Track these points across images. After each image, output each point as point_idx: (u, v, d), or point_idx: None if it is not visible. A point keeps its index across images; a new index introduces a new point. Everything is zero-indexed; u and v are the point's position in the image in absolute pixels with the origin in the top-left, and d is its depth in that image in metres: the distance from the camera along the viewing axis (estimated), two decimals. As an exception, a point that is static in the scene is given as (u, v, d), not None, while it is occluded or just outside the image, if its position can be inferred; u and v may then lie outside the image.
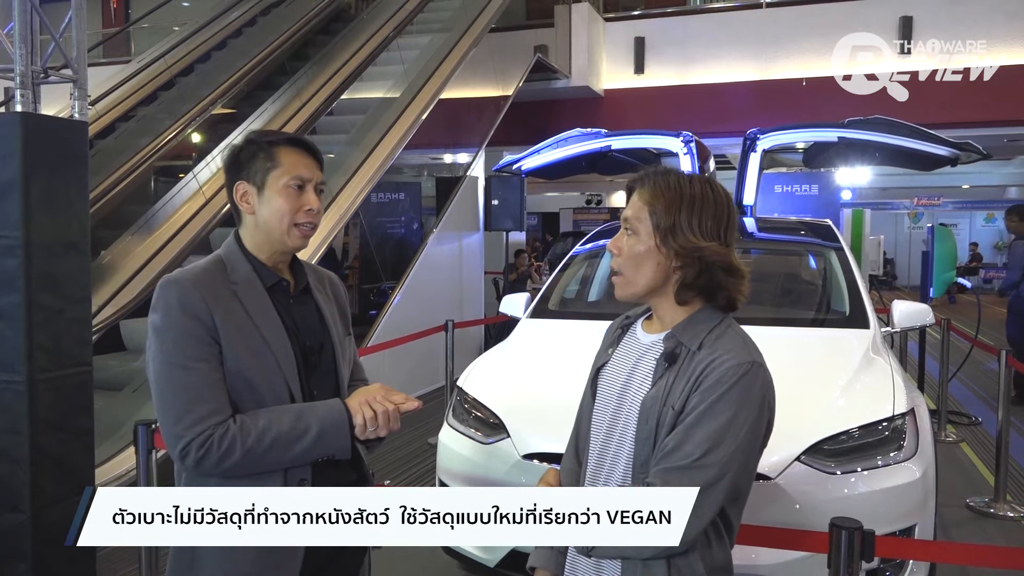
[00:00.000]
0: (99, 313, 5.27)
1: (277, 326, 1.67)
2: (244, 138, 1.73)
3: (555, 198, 21.36)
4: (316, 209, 1.70)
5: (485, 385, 3.34)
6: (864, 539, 1.87)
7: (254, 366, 1.61)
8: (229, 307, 1.62)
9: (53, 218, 2.99)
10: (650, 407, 1.50)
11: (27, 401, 2.88)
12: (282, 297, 1.72)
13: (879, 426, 2.79)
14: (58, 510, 2.94)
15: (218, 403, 1.56)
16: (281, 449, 1.58)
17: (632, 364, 1.60)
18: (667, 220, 1.51)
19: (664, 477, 1.44)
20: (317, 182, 1.72)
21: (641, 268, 1.54)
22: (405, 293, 7.45)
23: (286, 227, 1.67)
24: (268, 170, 1.67)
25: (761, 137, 5.48)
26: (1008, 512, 4.54)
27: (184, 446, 1.54)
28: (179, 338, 1.57)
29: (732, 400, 1.43)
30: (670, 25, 12.32)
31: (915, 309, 3.90)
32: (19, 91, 3.09)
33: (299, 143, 1.72)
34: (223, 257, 1.71)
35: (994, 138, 12.03)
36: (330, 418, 1.61)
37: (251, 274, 1.69)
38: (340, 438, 1.62)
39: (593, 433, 1.65)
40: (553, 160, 6.21)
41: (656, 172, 1.58)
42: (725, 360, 1.45)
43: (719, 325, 1.53)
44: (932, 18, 10.86)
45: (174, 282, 1.62)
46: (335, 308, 1.83)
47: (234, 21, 9.08)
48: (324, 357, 1.75)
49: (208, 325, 1.58)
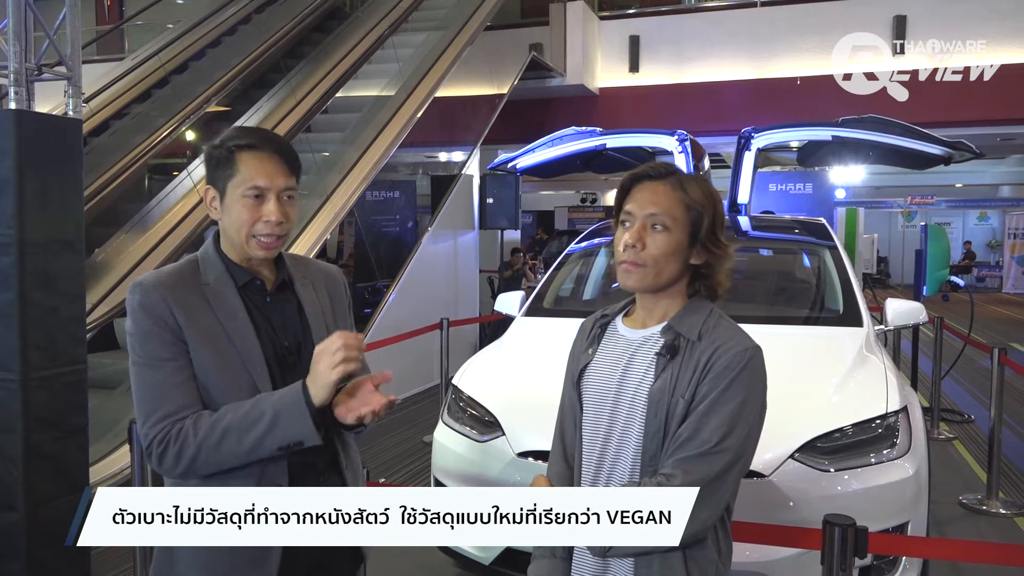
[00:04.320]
0: (93, 311, 5.26)
1: (246, 328, 1.61)
2: (217, 139, 1.65)
3: (550, 196, 21.36)
4: (276, 220, 1.58)
5: (480, 383, 3.34)
6: (857, 536, 1.88)
7: (220, 368, 1.57)
8: (196, 309, 1.59)
9: (47, 216, 2.98)
10: (658, 400, 1.52)
11: (21, 399, 2.87)
12: (256, 296, 1.67)
13: (872, 424, 2.80)
14: (52, 509, 2.93)
15: (184, 401, 1.54)
16: (235, 438, 1.50)
17: (624, 361, 1.60)
18: (704, 219, 1.54)
19: (683, 466, 1.46)
20: (281, 189, 1.60)
21: (669, 263, 1.55)
22: (400, 291, 7.45)
23: (244, 238, 1.60)
24: (228, 177, 1.59)
25: (755, 136, 5.49)
26: (1000, 509, 4.56)
27: (147, 444, 1.53)
28: (144, 340, 1.56)
29: (742, 385, 1.48)
30: (665, 24, 12.34)
31: (908, 307, 3.92)
32: (13, 88, 3.08)
33: (265, 147, 1.61)
34: (199, 258, 1.68)
35: (987, 137, 12.07)
36: (285, 399, 1.51)
37: (223, 274, 1.64)
38: (299, 420, 1.50)
39: (587, 435, 1.64)
40: (548, 159, 6.21)
41: (671, 169, 1.60)
42: (730, 347, 1.51)
43: (711, 315, 1.58)
44: (925, 17, 10.89)
45: (138, 284, 1.61)
46: (325, 303, 1.76)
47: (229, 18, 9.06)
48: (302, 357, 1.64)
49: (171, 326, 1.56)
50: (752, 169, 5.49)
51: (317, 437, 1.52)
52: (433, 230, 8.31)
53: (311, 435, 1.51)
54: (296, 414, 1.50)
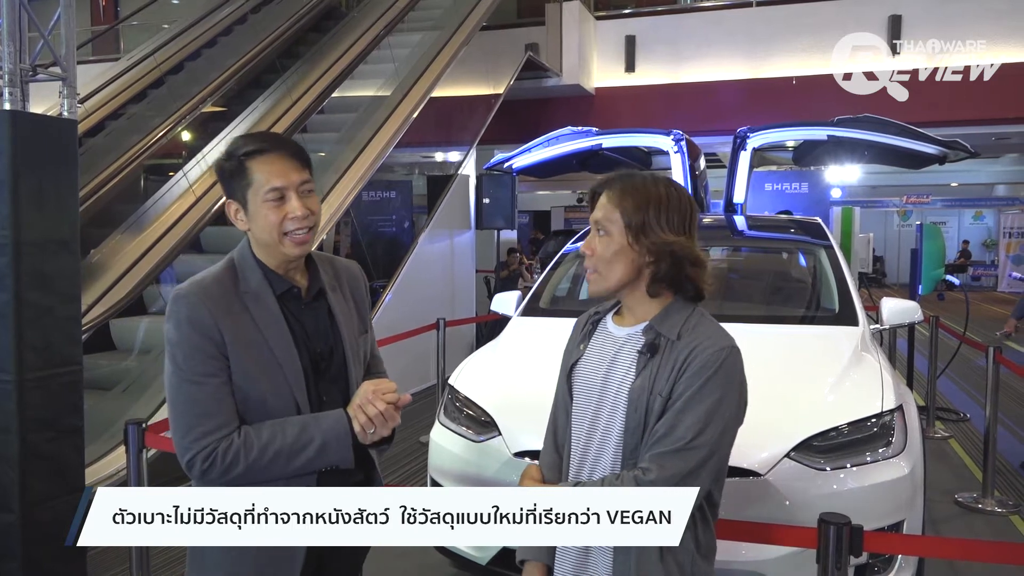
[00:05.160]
0: (89, 312, 5.24)
1: (286, 339, 1.67)
2: (224, 152, 1.68)
3: (546, 196, 21.37)
4: (302, 214, 1.65)
5: (476, 383, 3.34)
6: (853, 534, 1.89)
7: (262, 381, 1.63)
8: (239, 320, 1.63)
9: (43, 216, 2.98)
10: (638, 396, 1.58)
11: (16, 400, 2.87)
12: (293, 304, 1.71)
13: (868, 422, 2.80)
14: (48, 509, 2.92)
15: (225, 417, 1.59)
16: (284, 461, 1.60)
17: (610, 357, 1.67)
18: (637, 218, 1.60)
19: (659, 461, 1.52)
20: (299, 184, 1.66)
21: (614, 265, 1.63)
22: (396, 292, 7.45)
23: (277, 239, 1.65)
24: (246, 187, 1.64)
25: (751, 135, 5.51)
26: (996, 507, 4.58)
27: (191, 458, 1.58)
28: (190, 353, 1.59)
29: (717, 384, 1.54)
30: (661, 24, 12.35)
31: (904, 306, 3.93)
32: (7, 88, 3.07)
33: (273, 149, 1.66)
34: (236, 263, 1.71)
35: (982, 136, 12.10)
36: (334, 430, 1.63)
37: (262, 282, 1.68)
38: (342, 449, 1.63)
39: (575, 426, 1.71)
40: (544, 158, 6.22)
41: (622, 176, 1.67)
42: (707, 347, 1.56)
43: (692, 315, 1.64)
44: (921, 17, 10.91)
45: (184, 296, 1.62)
46: (351, 306, 1.82)
47: (224, 19, 9.04)
48: (334, 361, 1.74)
49: (217, 340, 1.60)
50: (748, 169, 5.51)
51: (352, 462, 1.66)
52: (429, 230, 8.30)
53: (348, 461, 1.66)
54: (342, 444, 1.63)
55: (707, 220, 5.30)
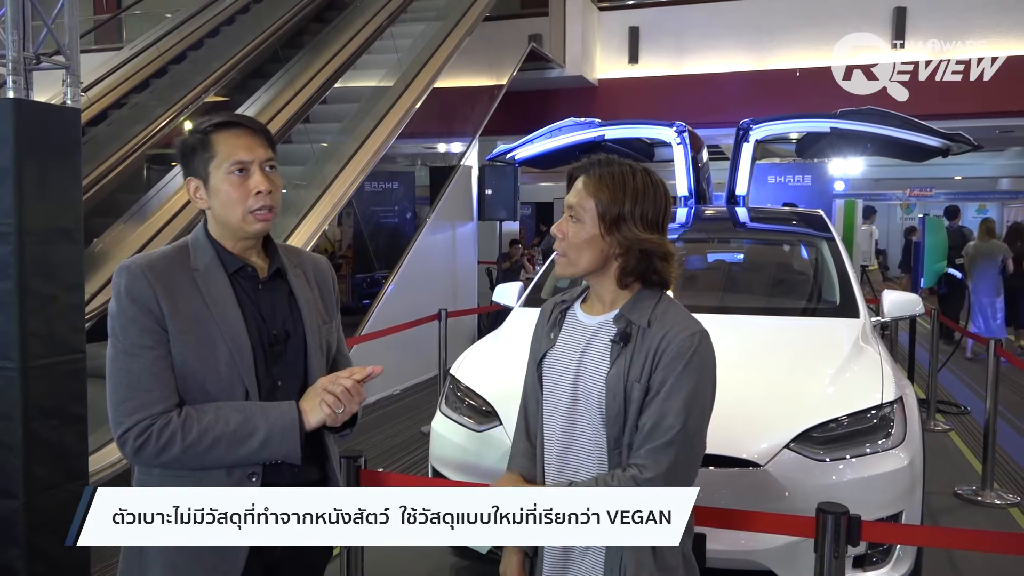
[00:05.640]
0: (92, 301, 5.25)
1: (235, 316, 1.60)
2: (189, 130, 1.67)
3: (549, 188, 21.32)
4: (266, 190, 1.61)
5: (478, 373, 3.35)
6: (850, 524, 1.90)
7: (203, 357, 1.57)
8: (183, 295, 1.58)
9: (46, 205, 2.98)
10: (615, 384, 1.59)
11: (20, 388, 2.88)
12: (247, 284, 1.66)
13: (867, 414, 2.81)
14: (51, 496, 2.93)
15: (161, 392, 1.53)
16: (223, 449, 1.53)
17: (582, 347, 1.67)
18: (612, 211, 1.60)
19: (654, 456, 1.53)
20: (263, 160, 1.62)
21: (584, 253, 1.63)
22: (398, 282, 7.46)
23: (240, 216, 1.61)
24: (208, 161, 1.61)
25: (754, 127, 5.50)
26: (995, 500, 4.60)
27: (123, 433, 1.52)
28: (126, 324, 1.54)
29: (694, 369, 1.56)
30: (665, 15, 12.29)
31: (905, 299, 3.93)
32: (11, 77, 3.07)
33: (235, 124, 1.63)
34: (189, 243, 1.67)
35: (986, 129, 12.05)
36: (280, 422, 1.56)
37: (214, 260, 1.63)
38: (288, 444, 1.56)
39: (547, 417, 1.72)
40: (547, 150, 6.21)
41: (600, 162, 1.66)
42: (678, 333, 1.58)
43: (660, 301, 1.65)
44: (925, 9, 10.86)
45: (125, 268, 1.58)
46: (315, 294, 1.76)
47: (227, 8, 9.01)
48: (291, 346, 1.67)
49: (156, 313, 1.55)
50: (750, 161, 5.50)
51: (299, 458, 1.58)
52: (432, 221, 8.30)
53: (296, 457, 1.58)
54: (288, 439, 1.56)
55: (709, 212, 5.31)
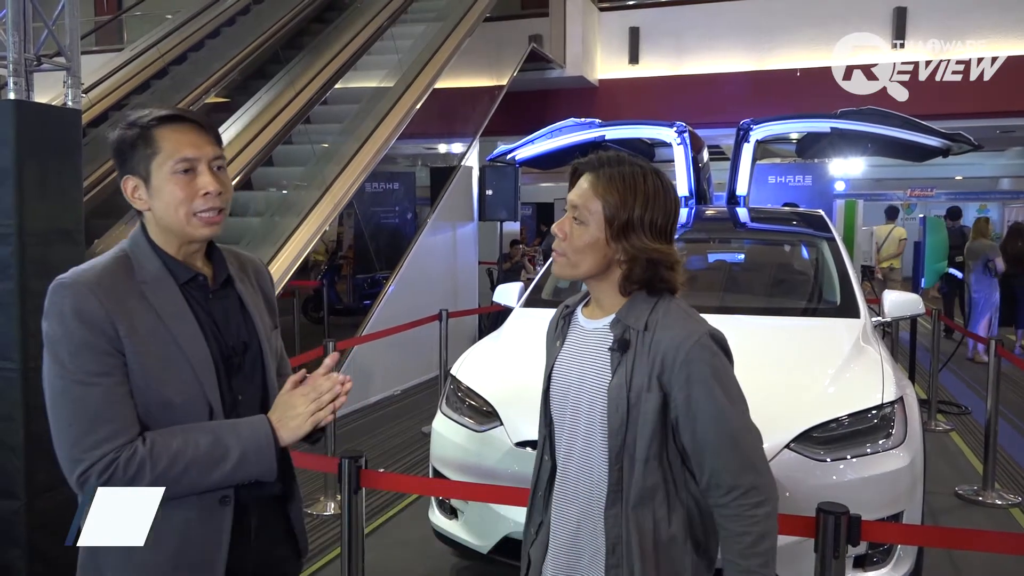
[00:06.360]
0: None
1: (193, 330, 1.47)
2: (125, 121, 1.48)
3: (549, 188, 21.33)
4: (214, 191, 1.46)
5: (478, 374, 3.36)
6: (851, 524, 1.90)
7: (166, 378, 1.42)
8: (136, 312, 1.42)
9: (46, 206, 2.98)
10: (617, 395, 1.51)
11: (21, 388, 2.88)
12: (198, 294, 1.52)
13: (868, 414, 2.81)
14: (52, 497, 2.94)
15: (123, 422, 1.37)
16: (196, 474, 1.39)
17: (581, 355, 1.60)
18: (621, 216, 1.50)
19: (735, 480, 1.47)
20: (211, 158, 1.47)
21: (586, 256, 1.54)
22: (399, 283, 7.46)
23: (183, 218, 1.46)
24: (149, 158, 1.44)
25: (754, 127, 5.50)
26: (996, 500, 4.59)
27: (83, 471, 1.35)
28: (76, 351, 1.36)
29: (716, 372, 1.48)
30: (665, 15, 12.29)
31: (905, 299, 3.93)
32: (12, 78, 3.08)
33: (179, 118, 1.47)
34: (128, 252, 1.49)
35: (986, 129, 12.05)
36: (254, 439, 1.44)
37: (161, 270, 1.48)
38: (264, 462, 1.44)
39: (557, 425, 1.65)
40: (547, 150, 6.22)
41: (610, 160, 1.55)
42: (683, 339, 1.48)
43: (659, 303, 1.55)
44: (925, 8, 10.86)
45: (68, 285, 1.39)
46: (260, 299, 1.64)
47: (228, 9, 9.04)
48: (249, 357, 1.56)
49: (109, 335, 1.38)
50: (751, 161, 5.50)
51: (275, 475, 1.48)
52: (432, 221, 8.31)
53: (272, 474, 1.47)
54: (264, 457, 1.45)
55: (710, 212, 5.31)
